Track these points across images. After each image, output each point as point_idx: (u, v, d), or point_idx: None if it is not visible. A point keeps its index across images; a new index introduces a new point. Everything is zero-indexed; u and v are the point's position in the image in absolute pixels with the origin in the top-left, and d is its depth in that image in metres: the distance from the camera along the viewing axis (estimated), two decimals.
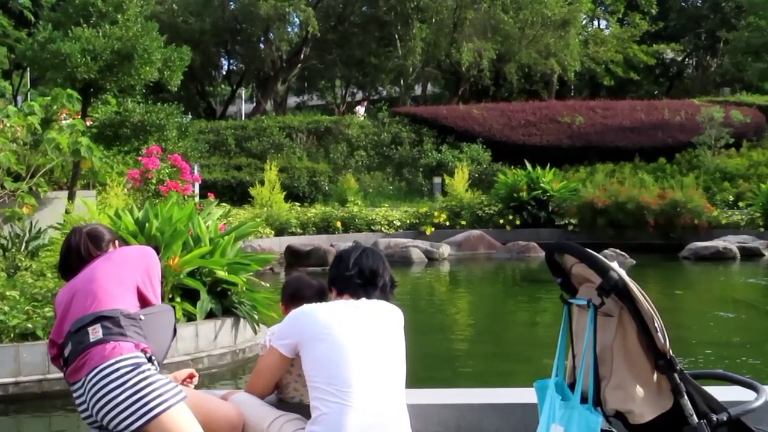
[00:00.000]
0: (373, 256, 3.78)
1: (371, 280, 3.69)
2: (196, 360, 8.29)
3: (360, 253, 3.76)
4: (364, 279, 3.68)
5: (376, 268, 3.71)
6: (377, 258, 3.77)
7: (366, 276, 3.68)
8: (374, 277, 3.70)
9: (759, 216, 21.02)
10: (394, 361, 3.50)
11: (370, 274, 3.69)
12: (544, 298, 13.70)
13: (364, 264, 3.71)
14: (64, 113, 14.64)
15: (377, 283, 3.69)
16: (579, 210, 21.41)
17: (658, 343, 3.05)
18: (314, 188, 29.01)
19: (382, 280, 3.72)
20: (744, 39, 49.63)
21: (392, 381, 3.43)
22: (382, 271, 3.73)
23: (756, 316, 12.75)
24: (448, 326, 11.82)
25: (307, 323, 3.53)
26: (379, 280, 3.71)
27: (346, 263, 3.73)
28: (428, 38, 43.13)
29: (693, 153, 30.01)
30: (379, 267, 3.73)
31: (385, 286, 3.73)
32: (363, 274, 3.69)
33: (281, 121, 35.41)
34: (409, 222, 21.89)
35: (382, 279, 3.72)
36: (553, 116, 33.62)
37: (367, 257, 3.74)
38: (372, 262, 3.73)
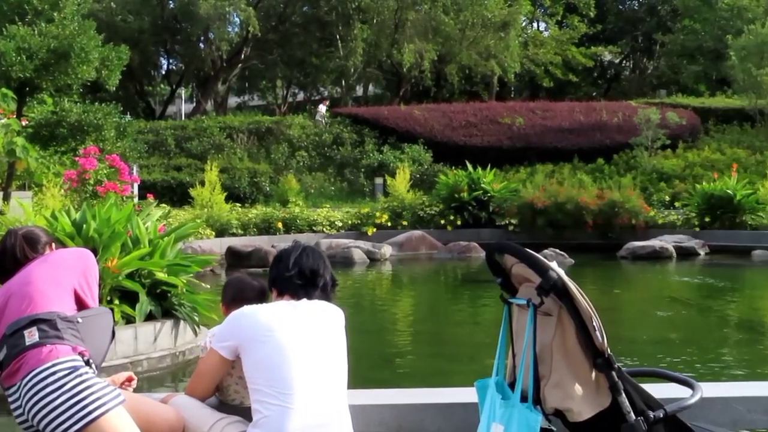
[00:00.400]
0: (313, 255, 3.74)
1: (311, 280, 3.66)
2: (135, 363, 8.18)
3: (300, 252, 3.73)
4: (304, 279, 3.65)
5: (316, 268, 3.68)
6: (317, 257, 3.74)
7: (306, 276, 3.65)
8: (314, 276, 3.67)
9: (694, 216, 21.38)
10: (335, 362, 3.48)
11: (311, 274, 3.66)
12: (484, 297, 13.77)
13: (304, 264, 3.67)
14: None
15: (317, 283, 3.66)
16: (519, 210, 21.57)
17: (597, 342, 3.07)
18: (255, 189, 28.85)
19: (322, 280, 3.69)
20: (679, 42, 50.51)
21: (334, 382, 3.42)
22: (322, 270, 3.70)
23: (692, 314, 12.95)
24: (389, 327, 11.83)
25: (248, 325, 3.50)
26: (319, 280, 3.67)
27: (286, 263, 3.69)
28: (369, 39, 43.19)
29: (630, 154, 30.45)
30: (320, 266, 3.70)
31: (326, 286, 3.70)
32: (303, 274, 3.65)
33: (222, 121, 35.19)
34: (351, 223, 21.89)
35: (322, 278, 3.69)
36: (494, 117, 33.87)
37: (306, 257, 3.71)
38: (312, 261, 3.70)
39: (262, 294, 4.18)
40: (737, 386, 3.99)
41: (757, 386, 3.99)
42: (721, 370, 8.66)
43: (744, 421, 3.77)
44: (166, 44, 44.90)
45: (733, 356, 9.69)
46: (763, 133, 31.79)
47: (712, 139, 33.10)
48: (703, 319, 12.57)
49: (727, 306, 13.75)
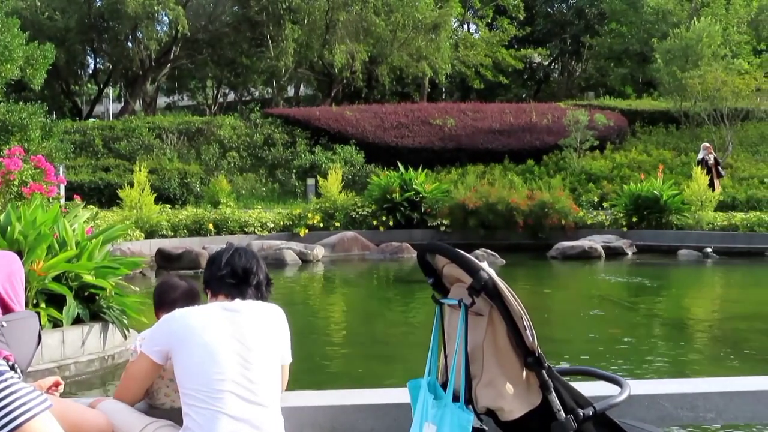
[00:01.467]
0: (246, 255, 3.73)
1: (244, 278, 3.64)
2: (63, 367, 8.06)
3: (232, 252, 3.71)
4: (237, 278, 3.63)
5: (249, 267, 3.67)
6: (250, 256, 3.72)
7: (239, 275, 3.63)
8: (247, 275, 3.65)
9: (622, 216, 21.74)
10: (268, 364, 3.45)
11: (243, 273, 3.64)
12: (416, 298, 13.83)
13: (236, 263, 3.65)
14: None
15: (251, 282, 3.65)
16: (451, 211, 21.70)
17: (527, 341, 3.10)
18: (185, 190, 28.55)
19: (255, 278, 3.67)
20: (607, 45, 51.31)
21: (266, 384, 3.40)
22: (255, 269, 3.69)
23: (620, 313, 13.16)
24: (321, 328, 11.81)
25: (178, 328, 3.46)
26: (252, 279, 3.66)
27: (219, 263, 3.67)
28: (300, 39, 43.03)
29: (560, 155, 30.82)
30: (253, 265, 3.69)
31: (259, 284, 3.69)
32: (236, 274, 3.63)
33: (151, 121, 34.73)
34: (283, 224, 21.80)
35: (255, 277, 3.67)
36: (425, 118, 34.02)
37: (239, 256, 3.69)
38: (245, 261, 3.68)
39: (190, 295, 4.14)
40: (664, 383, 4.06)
41: (683, 383, 4.07)
42: (648, 367, 8.82)
43: (670, 417, 3.85)
44: (93, 43, 44.17)
45: (660, 354, 9.87)
46: (688, 135, 32.45)
47: (638, 140, 33.68)
48: (631, 318, 12.78)
49: (654, 305, 14.00)
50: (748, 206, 24.71)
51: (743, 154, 30.97)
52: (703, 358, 9.76)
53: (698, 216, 21.12)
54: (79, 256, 8.68)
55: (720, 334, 11.31)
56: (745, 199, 25.47)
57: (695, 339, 11.06)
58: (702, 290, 16.17)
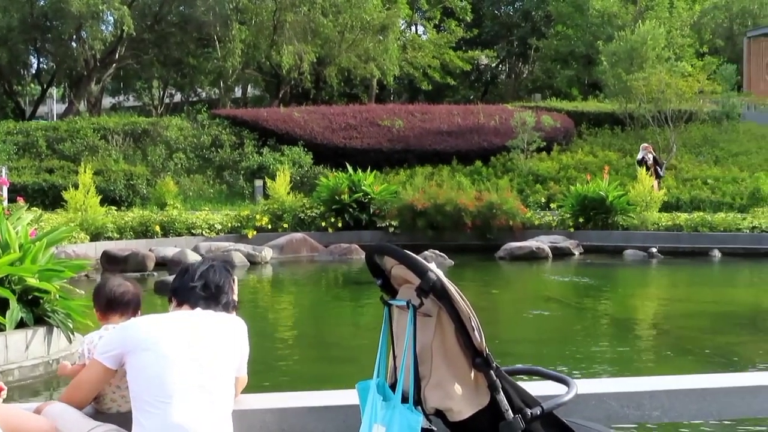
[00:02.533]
0: (220, 272, 3.70)
1: (215, 294, 3.62)
2: (6, 372, 7.94)
3: (207, 267, 3.70)
4: (208, 292, 3.61)
5: (221, 284, 3.65)
6: (225, 275, 3.70)
7: (211, 290, 3.61)
8: (219, 292, 3.63)
9: (569, 217, 21.91)
10: (223, 374, 3.43)
11: (215, 289, 3.63)
12: (365, 299, 13.84)
13: (210, 278, 3.64)
14: None
15: (220, 300, 3.62)
16: (399, 212, 21.71)
17: (475, 342, 3.12)
18: (131, 192, 28.25)
19: (225, 297, 3.65)
20: (553, 47, 51.80)
21: (219, 394, 3.38)
22: (227, 288, 3.67)
23: (568, 313, 13.29)
24: (270, 331, 11.76)
25: (134, 334, 3.44)
26: (222, 297, 3.63)
27: (192, 275, 3.64)
28: (248, 40, 42.83)
29: (507, 156, 31.00)
30: (225, 284, 3.67)
31: (228, 305, 3.66)
32: (208, 288, 3.61)
33: (96, 122, 34.28)
34: (231, 225, 21.65)
35: (225, 296, 3.65)
36: (374, 120, 34.01)
37: (214, 272, 3.67)
38: (218, 277, 3.66)
39: (138, 298, 4.11)
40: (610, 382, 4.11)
41: (629, 382, 4.12)
42: (595, 366, 8.92)
43: (617, 415, 3.89)
44: (36, 42, 43.49)
45: (607, 353, 9.99)
46: (633, 137, 32.81)
47: (585, 142, 34.01)
48: (577, 318, 12.91)
49: (600, 304, 14.17)
50: (692, 206, 25.12)
51: (687, 156, 31.45)
52: (649, 357, 9.90)
53: (643, 216, 21.38)
54: (22, 259, 8.56)
55: (665, 333, 11.47)
56: (689, 200, 25.89)
57: (641, 338, 11.21)
58: (647, 290, 16.39)
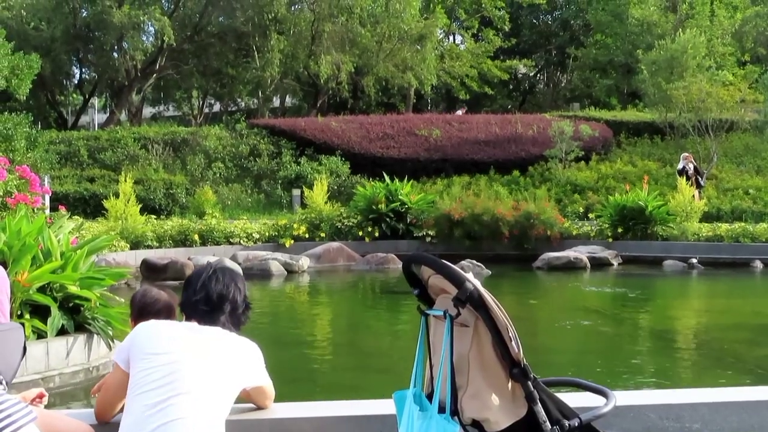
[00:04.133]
0: (224, 277, 3.61)
1: (218, 305, 3.54)
2: (47, 378, 8.01)
3: (209, 275, 3.60)
4: (210, 305, 3.53)
5: (224, 292, 3.56)
6: (228, 280, 3.60)
7: (212, 301, 3.53)
8: (221, 302, 3.54)
9: (607, 227, 21.75)
10: (214, 384, 3.35)
11: (218, 299, 3.54)
12: (402, 309, 13.81)
13: (211, 288, 3.55)
14: None
15: (224, 309, 3.54)
16: (436, 222, 21.68)
17: (512, 352, 3.10)
18: (171, 200, 28.49)
19: (229, 305, 3.56)
20: (592, 56, 51.54)
21: (205, 403, 3.31)
22: (232, 293, 3.57)
23: (605, 324, 13.19)
24: (307, 340, 11.78)
25: (138, 337, 3.47)
26: (226, 306, 3.54)
27: (194, 287, 3.57)
28: (286, 50, 43.05)
29: (545, 166, 30.89)
30: (229, 290, 3.57)
31: (235, 310, 3.57)
32: (209, 300, 3.53)
33: (136, 131, 34.65)
34: (268, 234, 21.74)
35: (230, 303, 3.56)
36: (411, 129, 34.04)
37: (216, 280, 3.58)
38: (221, 285, 3.57)
39: (170, 308, 4.12)
40: (649, 394, 4.07)
41: (668, 394, 4.09)
42: (634, 378, 8.84)
43: (656, 428, 3.86)
44: (79, 53, 44.08)
45: (646, 365, 9.90)
46: (673, 146, 32.56)
47: (624, 151, 33.81)
48: (616, 329, 12.81)
49: (639, 315, 14.04)
50: (733, 217, 24.84)
51: (728, 165, 31.13)
52: (689, 369, 9.79)
53: (683, 227, 21.18)
54: (63, 267, 8.64)
55: (705, 345, 11.35)
56: (730, 210, 25.60)
57: (681, 350, 11.09)
58: (687, 301, 16.23)
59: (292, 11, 43.19)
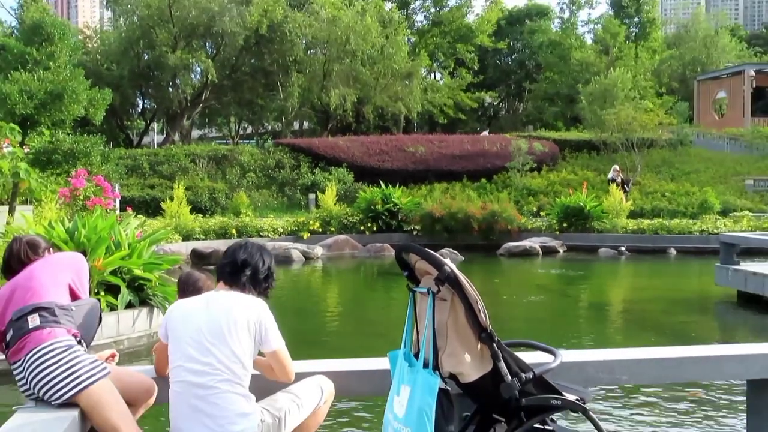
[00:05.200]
0: (251, 249, 3.51)
1: (240, 268, 3.43)
2: (118, 342, 8.03)
3: (239, 247, 3.53)
4: (233, 268, 3.44)
5: (247, 259, 3.45)
6: (255, 251, 3.50)
7: (236, 266, 3.44)
8: (244, 266, 3.43)
9: (555, 222, 21.73)
10: (229, 350, 3.24)
11: (241, 264, 3.44)
12: (395, 287, 13.83)
13: (238, 256, 3.46)
14: (6, 142, 13.92)
15: (245, 272, 3.43)
16: (421, 219, 21.64)
17: (481, 320, 3.11)
18: (214, 203, 28.44)
19: (250, 270, 3.44)
20: (542, 89, 51.62)
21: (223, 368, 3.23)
22: (255, 261, 3.46)
23: (554, 298, 13.20)
24: (320, 310, 11.80)
25: (169, 315, 3.45)
26: (247, 270, 3.43)
27: (226, 255, 3.51)
28: (304, 85, 43.03)
29: (506, 175, 30.85)
30: (253, 258, 3.47)
31: (255, 275, 3.45)
32: (234, 264, 3.44)
33: (186, 149, 34.54)
34: (290, 229, 21.70)
35: (251, 268, 3.45)
36: (401, 146, 33.96)
37: (243, 250, 3.49)
38: (247, 254, 3.47)
39: (208, 286, 4.07)
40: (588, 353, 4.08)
41: (603, 352, 4.10)
42: (576, 340, 8.86)
43: (593, 379, 3.88)
44: (142, 88, 43.98)
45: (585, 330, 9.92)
46: (606, 159, 32.48)
47: (567, 163, 33.74)
48: (562, 302, 12.82)
49: (580, 291, 14.05)
50: (653, 214, 24.85)
51: (649, 174, 31.11)
52: (619, 333, 9.82)
53: (614, 222, 21.18)
54: (130, 255, 8.66)
55: (631, 314, 11.37)
56: (651, 209, 25.61)
57: (612, 318, 11.12)
58: (618, 280, 16.24)
59: (308, 54, 43.15)
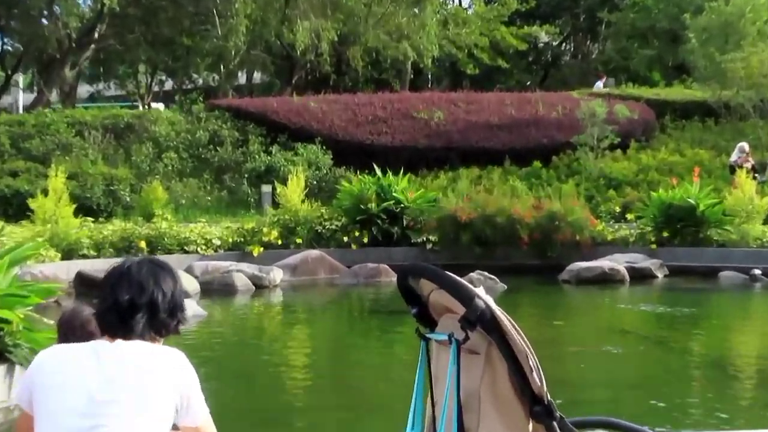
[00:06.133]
0: (138, 276, 3.48)
1: (128, 313, 3.41)
2: None
3: (119, 276, 3.50)
4: (118, 315, 3.42)
5: (135, 297, 3.43)
6: (146, 277, 3.49)
7: (123, 309, 3.41)
8: (134, 310, 3.42)
9: (650, 230, 21.70)
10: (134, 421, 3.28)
11: (129, 307, 3.41)
12: (396, 332, 13.82)
13: (120, 294, 3.43)
14: None
15: (138, 318, 3.42)
16: (439, 224, 21.68)
17: (534, 386, 3.09)
18: (112, 199, 28.48)
19: (145, 311, 3.44)
20: (629, 21, 51.67)
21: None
22: (150, 296, 3.45)
23: (650, 350, 13.18)
24: (281, 372, 11.77)
25: (35, 372, 3.43)
26: (138, 315, 3.43)
27: (105, 292, 3.48)
28: (254, 15, 43.10)
29: (573, 155, 30.92)
30: (145, 292, 3.45)
31: (155, 317, 3.46)
32: (117, 308, 3.42)
33: (70, 115, 34.63)
34: (232, 241, 21.74)
35: (146, 309, 3.44)
36: (407, 111, 34.06)
37: (128, 282, 3.46)
38: (132, 288, 3.44)
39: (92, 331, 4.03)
40: None
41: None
42: (682, 417, 8.83)
43: None
44: (0, 20, 44.10)
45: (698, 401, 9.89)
46: (730, 131, 32.58)
47: (669, 137, 33.84)
48: (662, 357, 12.81)
49: (690, 340, 14.04)
50: None
51: None
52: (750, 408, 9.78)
53: (743, 230, 21.16)
54: None
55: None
56: None
57: (741, 384, 11.08)
58: (750, 322, 16.22)
59: None
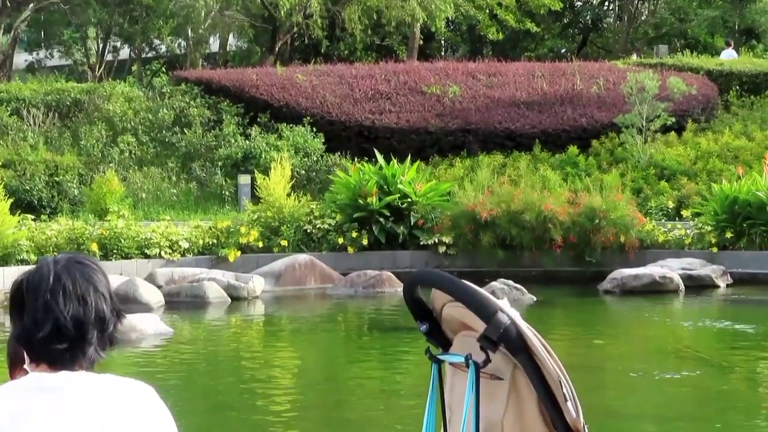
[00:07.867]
0: (76, 284, 3.18)
1: (80, 334, 3.14)
2: None
3: (48, 289, 3.17)
4: (68, 339, 3.13)
5: (82, 313, 3.14)
6: (83, 286, 3.20)
7: (69, 334, 3.12)
8: (83, 330, 3.13)
9: (710, 230, 21.66)
10: None
11: (76, 327, 3.12)
12: (402, 353, 13.84)
13: (60, 313, 3.12)
14: None
15: (89, 339, 3.15)
16: (455, 223, 21.66)
17: (568, 417, 3.12)
18: (57, 193, 28.49)
19: (96, 328, 3.17)
20: None
21: None
22: (95, 309, 3.18)
23: (709, 376, 13.19)
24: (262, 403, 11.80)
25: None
26: (89, 334, 3.15)
27: (34, 314, 3.16)
28: None
29: (617, 139, 30.89)
30: (89, 305, 3.17)
31: (104, 334, 3.20)
32: (63, 332, 3.11)
33: (4, 90, 34.64)
34: (203, 243, 21.74)
35: (96, 326, 3.16)
36: (416, 85, 34.04)
37: (65, 294, 3.14)
38: (76, 301, 3.15)
39: None
40: None
41: None
42: None
43: None
44: None
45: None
46: None
47: (735, 117, 33.78)
48: (724, 383, 12.83)
49: (758, 364, 14.06)
50: None
51: None
52: None
53: None
54: None
55: None
56: None
57: None
58: None
59: None
